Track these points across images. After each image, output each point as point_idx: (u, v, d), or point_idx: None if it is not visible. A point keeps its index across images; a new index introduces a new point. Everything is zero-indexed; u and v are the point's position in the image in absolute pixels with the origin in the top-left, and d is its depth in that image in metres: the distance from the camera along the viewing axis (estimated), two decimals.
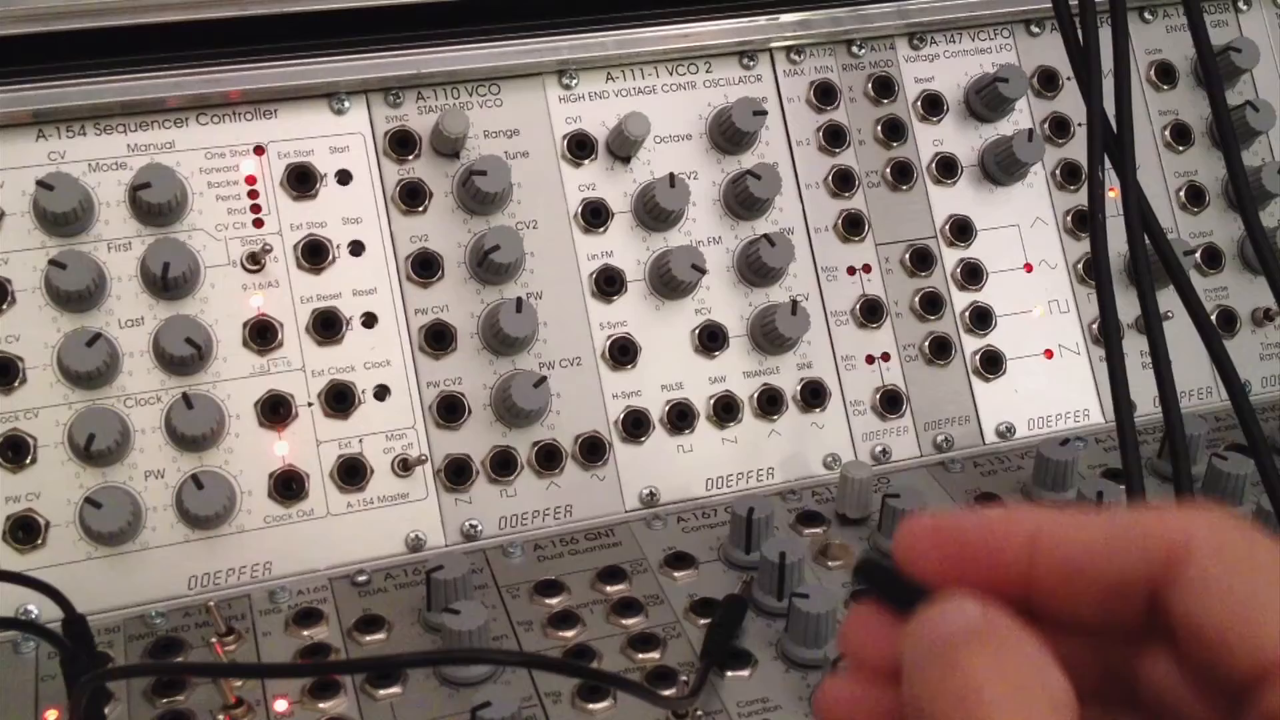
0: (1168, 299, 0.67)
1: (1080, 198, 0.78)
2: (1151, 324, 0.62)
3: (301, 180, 0.67)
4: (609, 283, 0.70)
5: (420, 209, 0.68)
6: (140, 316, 0.64)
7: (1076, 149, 0.78)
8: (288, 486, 0.64)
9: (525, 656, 0.56)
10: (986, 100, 0.76)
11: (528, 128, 0.71)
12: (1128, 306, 0.69)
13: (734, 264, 0.72)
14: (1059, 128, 0.78)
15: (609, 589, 0.62)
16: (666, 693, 0.55)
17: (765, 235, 0.70)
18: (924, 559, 0.34)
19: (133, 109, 0.65)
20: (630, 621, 0.60)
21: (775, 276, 0.72)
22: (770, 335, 0.70)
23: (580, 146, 0.71)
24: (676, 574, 0.63)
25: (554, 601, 0.61)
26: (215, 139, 0.67)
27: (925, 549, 0.34)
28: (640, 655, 0.58)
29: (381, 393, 0.66)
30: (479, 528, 0.66)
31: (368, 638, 0.59)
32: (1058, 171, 0.78)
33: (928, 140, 0.77)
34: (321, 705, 0.55)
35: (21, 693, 0.56)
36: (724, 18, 0.74)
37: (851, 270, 0.74)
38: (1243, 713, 0.30)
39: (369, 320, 0.67)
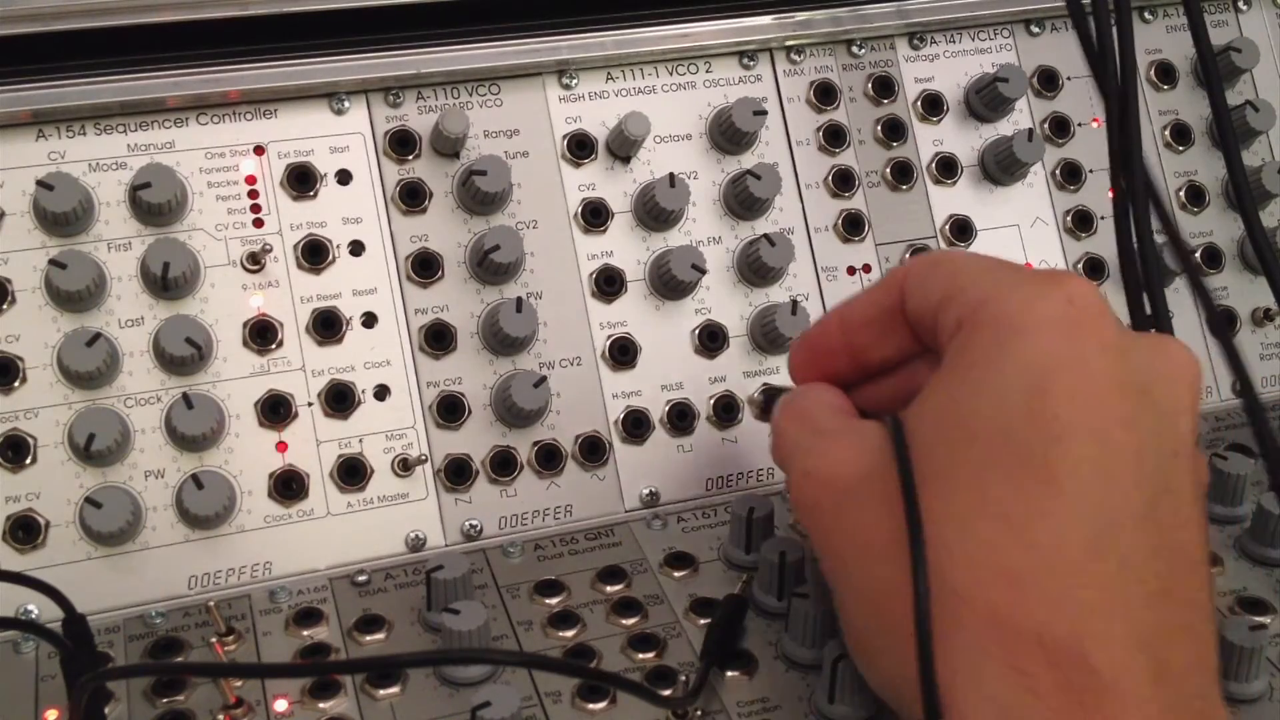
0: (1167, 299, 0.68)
1: (1080, 198, 0.78)
2: (1161, 324, 0.62)
3: (301, 180, 0.67)
4: (609, 283, 0.70)
5: (420, 209, 0.68)
6: (140, 316, 0.64)
7: (1076, 149, 0.78)
8: (288, 486, 0.64)
9: (525, 656, 0.56)
10: (986, 100, 0.76)
11: (528, 128, 0.71)
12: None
13: (734, 264, 0.72)
14: (1059, 128, 0.79)
15: (609, 589, 0.62)
16: (666, 693, 0.55)
17: (765, 235, 0.70)
18: (797, 370, 0.57)
19: (133, 109, 0.65)
20: (630, 621, 0.60)
21: (775, 276, 0.72)
22: (770, 335, 0.70)
23: (580, 146, 0.71)
24: (676, 574, 0.63)
25: (554, 601, 0.61)
26: (215, 139, 0.67)
27: (797, 363, 0.57)
28: (640, 655, 0.58)
29: (381, 393, 0.66)
30: (479, 528, 0.66)
31: (368, 638, 0.59)
32: (1058, 171, 0.78)
33: (928, 140, 0.77)
34: (321, 705, 0.55)
35: (21, 693, 0.56)
36: (724, 18, 0.74)
37: (851, 270, 0.74)
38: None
39: (369, 320, 0.67)
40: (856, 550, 0.48)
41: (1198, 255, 0.79)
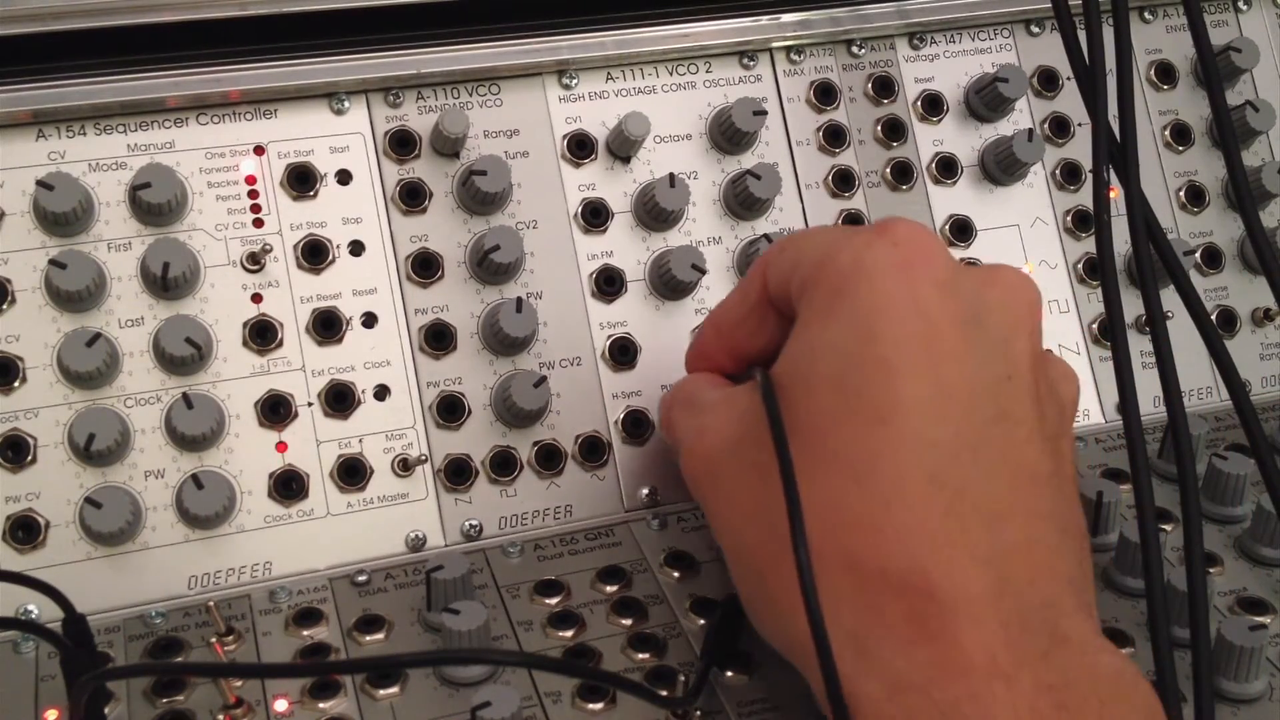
0: (1167, 299, 0.68)
1: (1080, 198, 0.78)
2: (1155, 324, 0.62)
3: (301, 180, 0.67)
4: (609, 283, 0.70)
5: (420, 209, 0.68)
6: (140, 316, 0.64)
7: (1076, 149, 0.78)
8: (288, 486, 0.64)
9: (525, 656, 0.56)
10: (986, 100, 0.76)
11: (528, 128, 0.71)
12: (1128, 307, 0.68)
13: (734, 264, 0.72)
14: (1059, 128, 0.79)
15: (609, 589, 0.62)
16: (666, 693, 0.55)
17: (765, 235, 0.71)
18: (689, 366, 0.61)
19: (133, 109, 0.65)
20: (630, 621, 0.60)
21: None
22: None
23: (580, 146, 0.71)
24: (676, 574, 0.63)
25: (554, 601, 0.61)
26: (215, 139, 0.67)
27: (692, 363, 0.61)
28: (640, 655, 0.58)
29: (381, 393, 0.66)
30: (479, 528, 0.66)
31: (368, 638, 0.59)
32: (1058, 171, 0.78)
33: (928, 140, 0.77)
34: (321, 705, 0.55)
35: (21, 693, 0.56)
36: (724, 18, 0.74)
37: None
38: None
39: (369, 320, 0.67)
40: (731, 516, 0.52)
41: (1198, 255, 0.79)
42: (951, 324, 0.47)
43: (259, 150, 0.67)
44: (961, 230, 0.76)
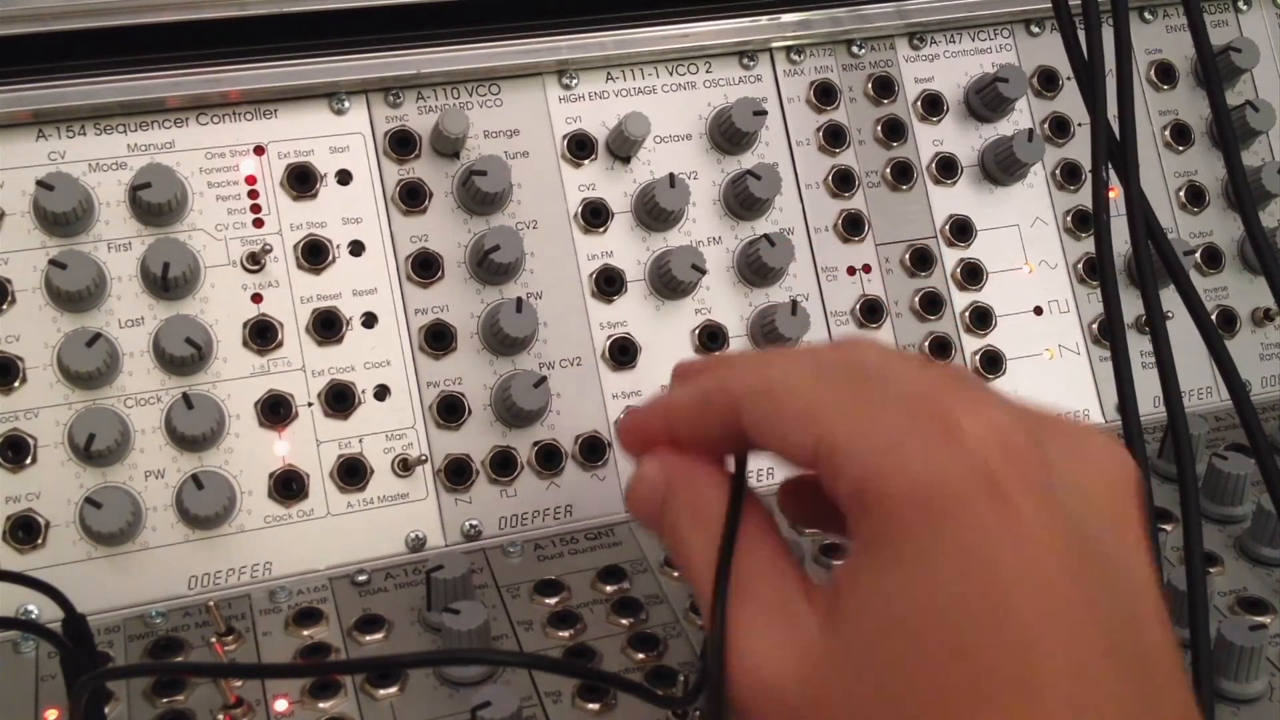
0: (1167, 299, 0.68)
1: (1080, 198, 0.78)
2: (1155, 324, 0.62)
3: (301, 180, 0.67)
4: (609, 283, 0.70)
5: (420, 209, 0.68)
6: (140, 316, 0.64)
7: (1076, 149, 0.78)
8: (288, 486, 0.64)
9: (525, 657, 0.56)
10: (986, 100, 0.76)
11: (528, 128, 0.71)
12: (1128, 307, 0.69)
13: (734, 264, 0.72)
14: (1059, 128, 0.79)
15: (609, 589, 0.62)
16: (666, 693, 0.54)
17: (765, 235, 0.70)
18: (628, 446, 0.47)
19: (133, 109, 0.65)
20: (630, 621, 0.60)
21: (775, 276, 0.72)
22: (770, 335, 0.70)
23: (580, 146, 0.71)
24: (676, 574, 0.63)
25: (554, 601, 0.61)
26: (215, 139, 0.67)
27: (630, 438, 0.47)
28: (640, 655, 0.58)
29: (381, 393, 0.66)
30: (479, 528, 0.66)
31: (368, 638, 0.59)
32: (1058, 171, 0.78)
33: (928, 140, 0.77)
34: (321, 705, 0.55)
35: (21, 693, 0.56)
36: (724, 18, 0.74)
37: (851, 270, 0.74)
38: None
39: (369, 320, 0.67)
40: None
41: (1198, 255, 0.79)
42: (1067, 549, 0.38)
43: (259, 150, 0.67)
44: (961, 230, 0.76)
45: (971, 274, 0.75)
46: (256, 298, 0.65)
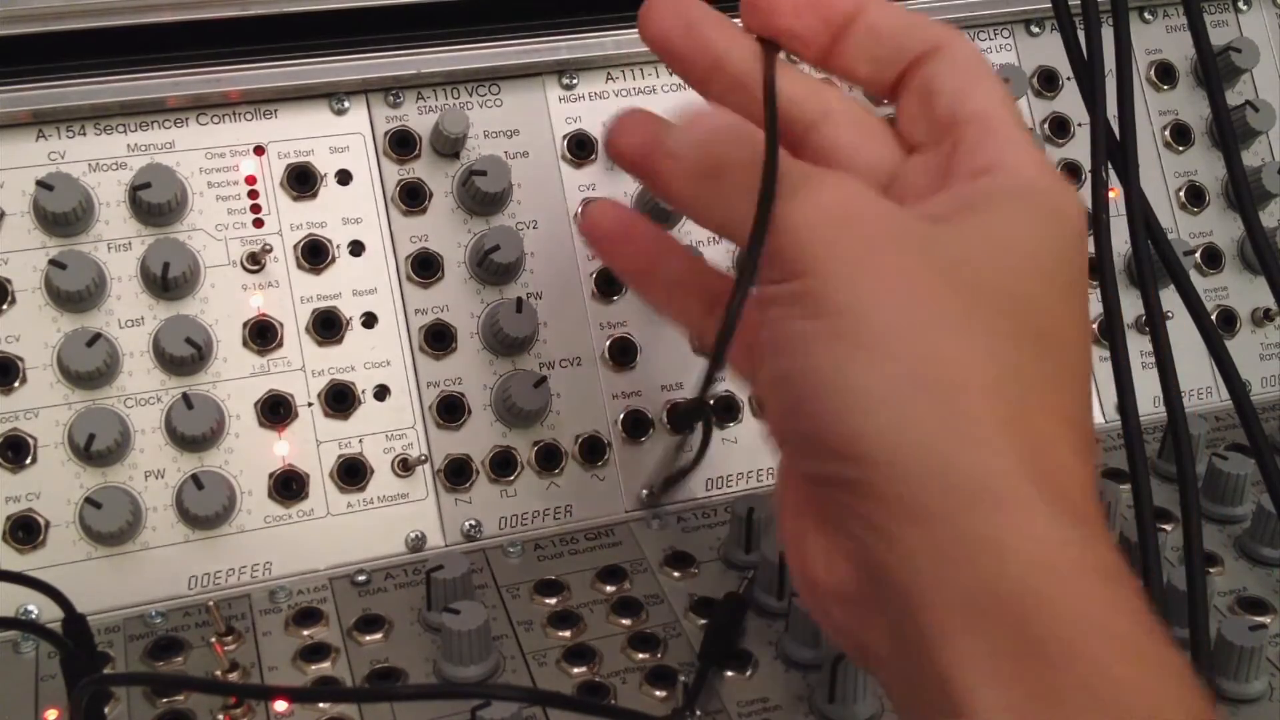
0: (1167, 299, 0.67)
1: (1080, 198, 0.78)
2: (1155, 324, 0.62)
3: (301, 180, 0.67)
4: (609, 283, 0.70)
5: (420, 209, 0.68)
6: (140, 316, 0.64)
7: (1076, 149, 0.78)
8: (288, 486, 0.64)
9: (536, 693, 0.55)
10: None
11: (528, 128, 0.71)
12: (1127, 307, 0.69)
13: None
14: (1059, 128, 0.79)
15: (609, 589, 0.62)
16: (663, 713, 0.54)
17: None
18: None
19: (133, 109, 0.65)
20: (630, 621, 0.60)
21: None
22: None
23: (580, 146, 0.71)
24: (676, 574, 0.63)
25: (554, 601, 0.61)
26: (215, 139, 0.67)
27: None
28: (640, 655, 0.58)
29: (381, 393, 0.66)
30: (479, 527, 0.66)
31: (368, 638, 0.59)
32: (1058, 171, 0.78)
33: None
34: (321, 705, 0.55)
35: (21, 693, 0.56)
36: None
37: None
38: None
39: (369, 320, 0.67)
40: (900, 304, 0.41)
41: (1198, 255, 0.79)
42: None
43: (259, 150, 0.67)
44: None
45: None
46: (256, 298, 0.65)
